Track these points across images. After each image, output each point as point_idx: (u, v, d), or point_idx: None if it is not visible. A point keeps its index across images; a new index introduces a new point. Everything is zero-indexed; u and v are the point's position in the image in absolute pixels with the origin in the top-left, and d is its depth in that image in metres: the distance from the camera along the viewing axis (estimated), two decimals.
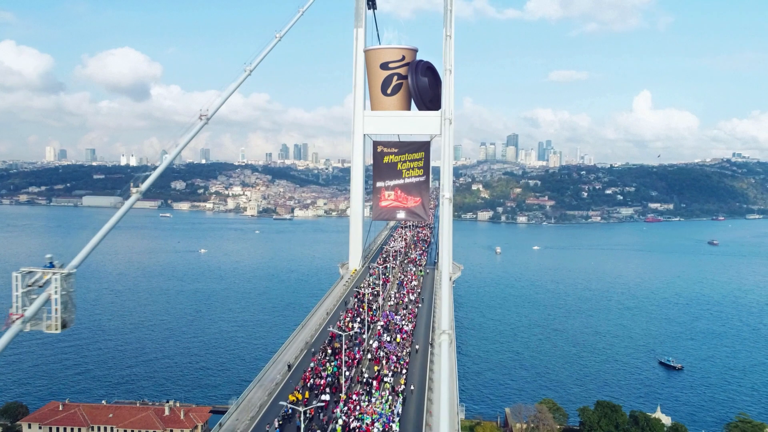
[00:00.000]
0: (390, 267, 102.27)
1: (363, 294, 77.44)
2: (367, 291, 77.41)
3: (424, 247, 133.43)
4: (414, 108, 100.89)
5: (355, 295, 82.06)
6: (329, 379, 52.70)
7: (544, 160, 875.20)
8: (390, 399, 48.28)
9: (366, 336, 65.65)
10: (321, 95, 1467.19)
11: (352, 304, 78.97)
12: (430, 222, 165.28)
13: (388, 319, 71.15)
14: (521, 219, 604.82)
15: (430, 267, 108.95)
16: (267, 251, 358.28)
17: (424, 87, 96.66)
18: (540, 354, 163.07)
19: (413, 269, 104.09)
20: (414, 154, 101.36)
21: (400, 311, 75.79)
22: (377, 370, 55.27)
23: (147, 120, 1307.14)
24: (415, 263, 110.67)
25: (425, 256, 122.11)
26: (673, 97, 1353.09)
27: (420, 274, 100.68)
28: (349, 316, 72.13)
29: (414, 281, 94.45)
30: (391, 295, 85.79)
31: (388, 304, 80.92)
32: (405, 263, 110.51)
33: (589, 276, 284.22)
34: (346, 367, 54.14)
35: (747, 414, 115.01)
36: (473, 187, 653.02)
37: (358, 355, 58.99)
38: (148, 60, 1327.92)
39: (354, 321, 69.88)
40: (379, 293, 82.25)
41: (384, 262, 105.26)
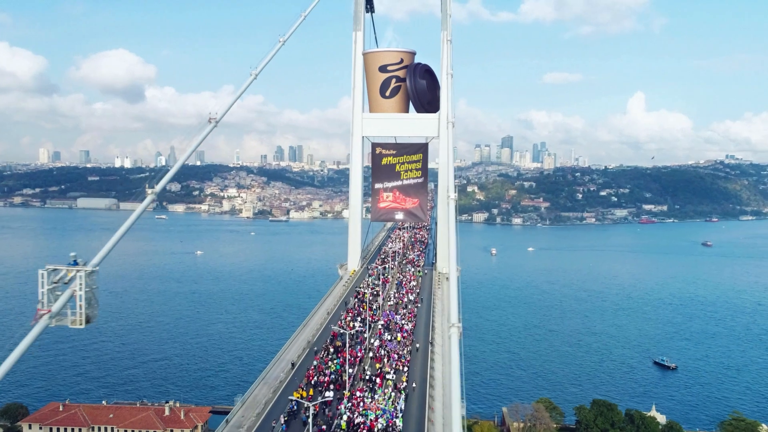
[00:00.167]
0: (389, 268, 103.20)
1: (363, 294, 78.41)
2: (367, 291, 78.35)
3: (421, 248, 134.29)
4: (412, 110, 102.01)
5: (355, 295, 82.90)
6: (332, 377, 53.72)
7: (538, 161, 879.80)
8: (393, 395, 49.27)
9: (367, 335, 66.66)
10: (315, 97, 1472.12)
11: (352, 303, 79.78)
12: (427, 223, 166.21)
13: (388, 319, 72.08)
14: (516, 220, 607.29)
15: (428, 267, 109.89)
16: (263, 253, 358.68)
17: (422, 89, 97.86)
18: (536, 354, 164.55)
19: (412, 270, 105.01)
20: (412, 155, 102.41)
21: (399, 311, 76.75)
22: (379, 367, 56.23)
23: (141, 122, 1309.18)
24: (414, 264, 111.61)
25: (423, 257, 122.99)
26: (667, 99, 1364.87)
27: (418, 274, 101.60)
28: (350, 315, 73.03)
29: (413, 281, 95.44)
30: (391, 295, 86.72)
31: (387, 303, 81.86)
32: (403, 264, 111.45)
33: (584, 277, 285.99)
34: (348, 365, 55.13)
35: (740, 412, 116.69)
36: (468, 189, 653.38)
37: (360, 354, 60.00)
38: (142, 62, 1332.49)
39: (355, 320, 70.81)
40: (379, 293, 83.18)
41: (382, 262, 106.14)
